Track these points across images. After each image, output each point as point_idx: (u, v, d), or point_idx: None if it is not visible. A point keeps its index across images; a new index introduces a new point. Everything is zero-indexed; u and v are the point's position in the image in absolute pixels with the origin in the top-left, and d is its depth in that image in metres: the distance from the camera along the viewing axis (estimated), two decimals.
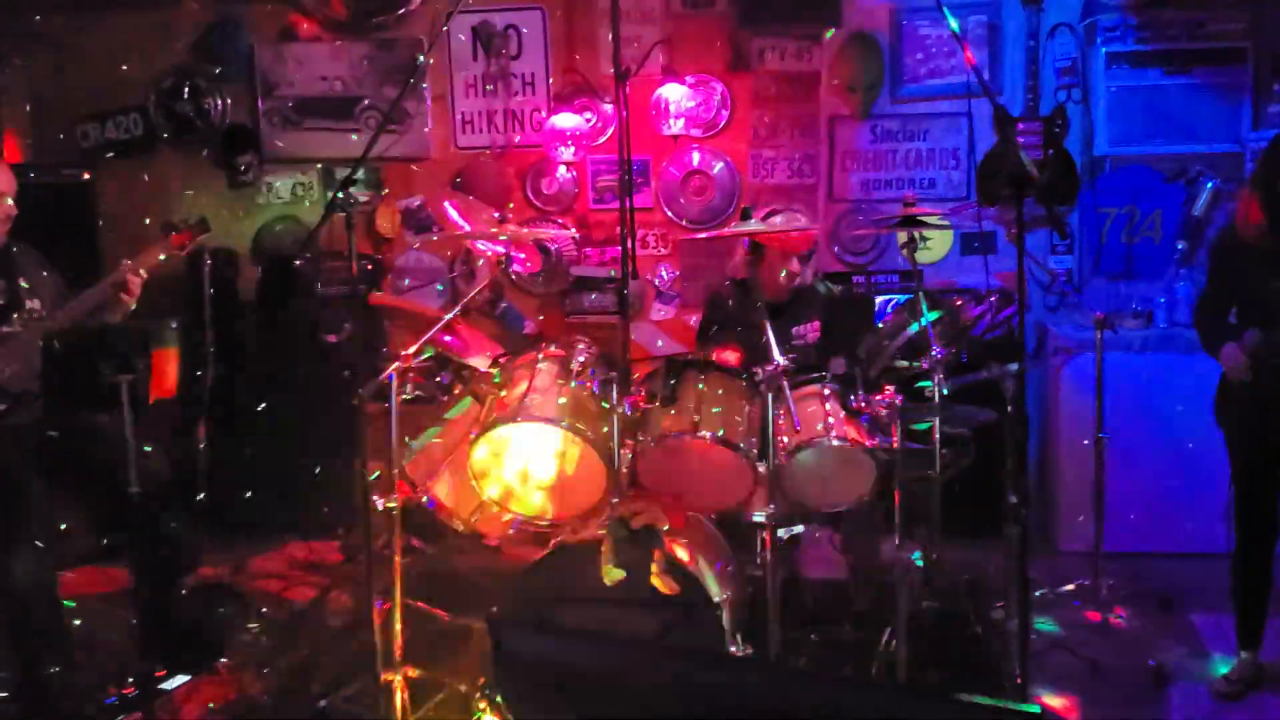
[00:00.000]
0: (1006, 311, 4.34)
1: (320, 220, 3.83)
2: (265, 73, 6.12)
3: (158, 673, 3.95)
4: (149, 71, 6.16)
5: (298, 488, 5.44)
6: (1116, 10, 5.42)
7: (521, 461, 3.68)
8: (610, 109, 5.71)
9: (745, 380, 3.72)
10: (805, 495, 3.76)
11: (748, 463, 3.55)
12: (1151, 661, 4.04)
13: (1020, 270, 3.37)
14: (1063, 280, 5.44)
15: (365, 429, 3.82)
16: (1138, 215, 5.52)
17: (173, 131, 6.17)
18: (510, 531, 3.98)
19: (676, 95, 5.74)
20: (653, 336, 5.85)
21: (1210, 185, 5.38)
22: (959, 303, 4.19)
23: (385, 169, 6.03)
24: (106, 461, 3.80)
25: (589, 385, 3.58)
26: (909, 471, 3.94)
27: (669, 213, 5.88)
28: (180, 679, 4.02)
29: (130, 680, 3.87)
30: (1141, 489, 5.06)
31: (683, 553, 3.44)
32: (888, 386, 3.74)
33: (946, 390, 3.77)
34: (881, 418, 3.74)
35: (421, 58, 5.87)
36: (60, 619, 3.92)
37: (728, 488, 3.66)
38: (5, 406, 3.80)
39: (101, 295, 3.86)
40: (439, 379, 4.05)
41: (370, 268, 5.86)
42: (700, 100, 5.78)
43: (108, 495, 3.94)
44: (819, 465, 3.79)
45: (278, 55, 6.12)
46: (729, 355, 4.02)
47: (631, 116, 5.48)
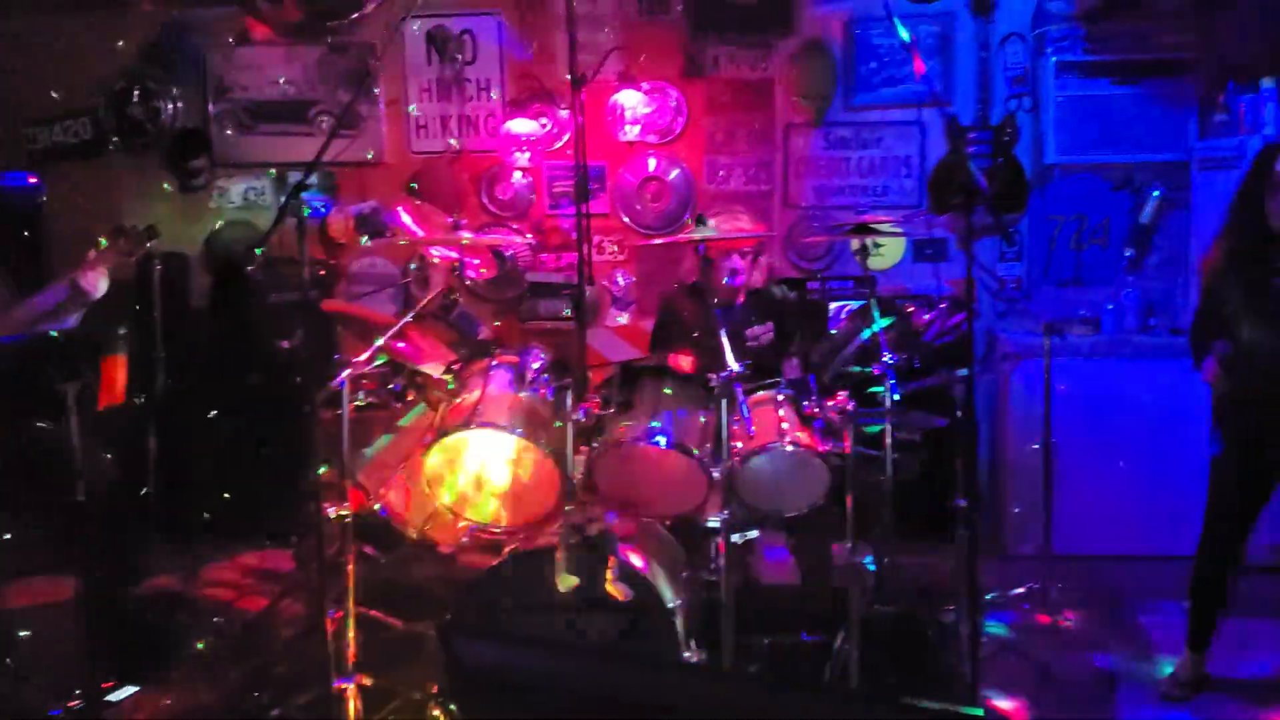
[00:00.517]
0: (957, 318, 4.39)
1: (272, 225, 3.79)
2: (218, 76, 6.07)
3: (106, 684, 3.89)
4: (99, 74, 6.08)
5: (250, 496, 5.38)
6: (1066, 21, 5.51)
7: (475, 468, 3.67)
8: (566, 115, 5.71)
9: (700, 386, 3.73)
10: (759, 500, 3.78)
11: (702, 468, 3.56)
12: (1100, 663, 4.09)
13: (969, 277, 3.42)
14: (1011, 287, 5.51)
15: (318, 436, 3.80)
16: (1086, 223, 5.60)
17: (123, 135, 6.10)
18: (464, 539, 3.97)
19: (632, 101, 5.76)
20: (609, 342, 5.85)
21: (1157, 194, 5.47)
22: (910, 309, 4.24)
23: (339, 173, 5.99)
24: (53, 469, 3.75)
25: (543, 392, 3.58)
26: (861, 476, 3.98)
27: (625, 219, 5.89)
28: (129, 690, 3.97)
29: (77, 692, 3.81)
30: (1090, 492, 5.13)
31: (637, 559, 3.44)
32: (841, 392, 3.77)
33: (898, 396, 3.81)
34: (835, 423, 3.76)
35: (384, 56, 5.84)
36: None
37: (682, 493, 3.67)
38: None
39: (55, 299, 3.81)
40: (392, 386, 4.03)
41: (323, 273, 5.82)
42: (656, 107, 5.79)
43: (55, 504, 3.89)
44: (773, 471, 3.81)
45: (230, 59, 6.06)
46: (684, 361, 4.03)
47: (587, 122, 5.50)
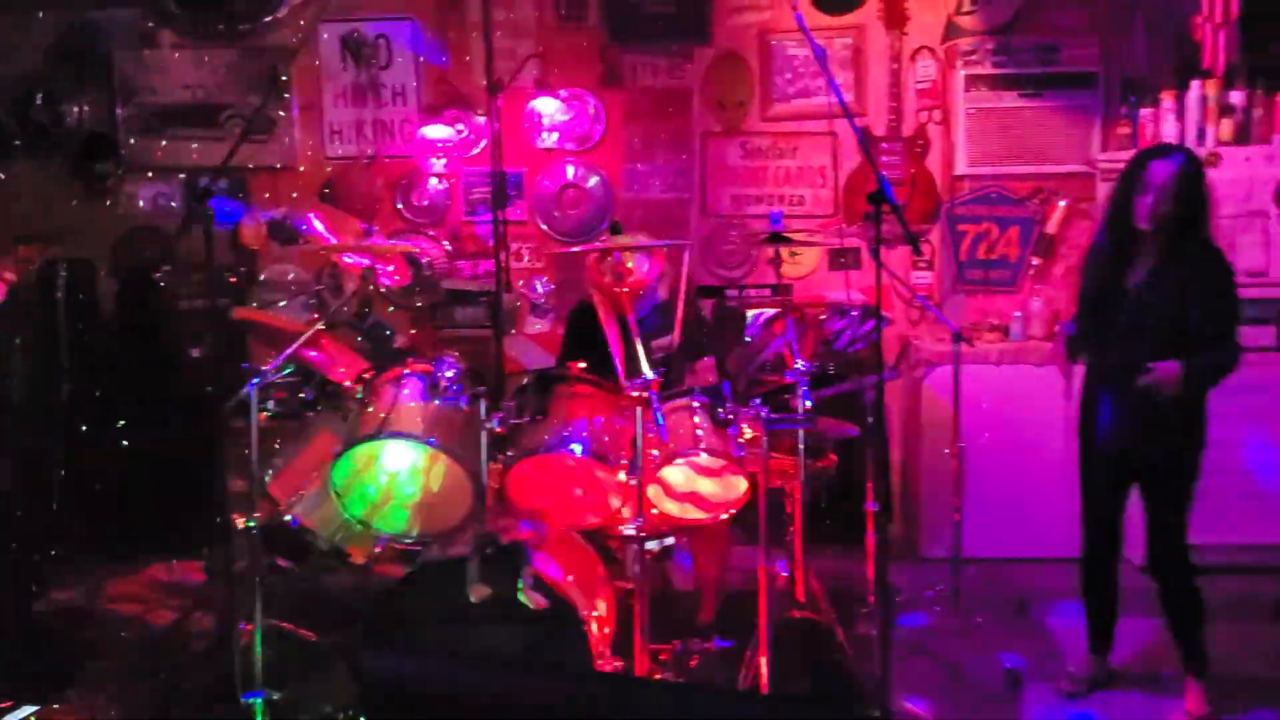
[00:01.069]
0: (869, 325, 4.45)
1: (179, 230, 3.73)
2: (126, 79, 5.94)
3: (3, 704, 3.78)
4: (1, 77, 5.92)
5: (159, 507, 5.27)
6: (975, 35, 5.62)
7: (386, 478, 3.64)
8: (482, 121, 5.69)
9: (615, 394, 3.74)
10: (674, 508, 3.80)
11: (616, 476, 3.57)
12: (1007, 663, 4.18)
13: (878, 285, 3.47)
14: (923, 295, 5.61)
15: (227, 446, 3.74)
16: (995, 232, 5.72)
17: (27, 139, 5.94)
18: (376, 549, 3.94)
19: (550, 109, 5.76)
20: (527, 350, 5.84)
21: (1062, 204, 5.62)
22: (823, 317, 4.29)
23: (251, 179, 5.90)
24: None
25: (456, 400, 3.56)
26: (775, 482, 4.03)
27: (543, 225, 5.88)
28: (26, 710, 3.86)
29: None
30: (999, 496, 5.24)
31: (550, 568, 3.44)
32: (755, 399, 3.80)
33: (811, 402, 3.85)
34: (749, 429, 3.79)
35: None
36: None
37: (597, 501, 3.68)
38: None
39: None
40: (302, 394, 3.98)
41: (234, 281, 5.73)
42: (574, 114, 5.80)
43: None
44: (689, 477, 3.84)
45: (139, 61, 5.94)
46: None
47: (505, 129, 5.50)
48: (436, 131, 5.76)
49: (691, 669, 3.93)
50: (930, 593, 4.84)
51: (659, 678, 3.74)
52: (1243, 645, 4.33)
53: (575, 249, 4.24)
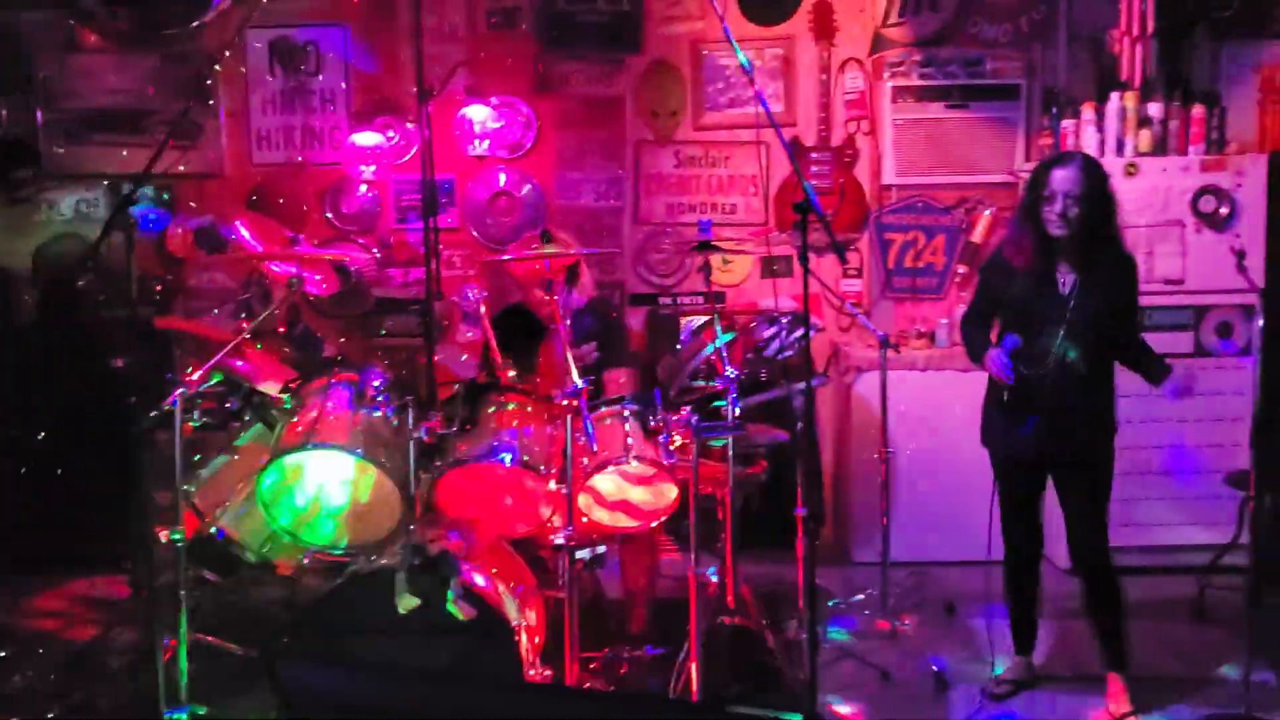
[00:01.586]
0: (799, 332, 4.49)
1: (99, 237, 3.66)
2: (47, 84, 5.82)
3: None
4: None
5: (81, 520, 5.16)
6: (901, 47, 5.71)
7: (314, 489, 3.60)
8: (413, 128, 5.65)
9: (544, 402, 3.74)
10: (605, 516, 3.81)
11: (547, 485, 3.57)
12: (934, 666, 4.24)
13: (805, 293, 3.50)
14: (851, 303, 5.68)
15: (151, 457, 3.67)
16: (922, 241, 5.81)
17: None
18: (304, 561, 3.90)
19: (481, 116, 5.74)
20: (458, 359, 5.81)
21: (987, 213, 5.72)
22: (752, 324, 4.32)
23: (177, 186, 5.82)
24: None
25: (383, 410, 3.53)
26: (706, 488, 4.05)
27: (475, 233, 5.86)
28: None
29: None
30: (927, 500, 5.33)
31: (479, 578, 3.42)
32: (685, 406, 3.82)
33: (741, 409, 3.88)
34: (679, 437, 3.82)
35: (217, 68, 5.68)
36: None
37: (527, 511, 3.67)
38: None
39: None
40: (228, 405, 3.94)
41: (160, 289, 5.64)
42: (505, 121, 5.79)
43: None
44: (619, 485, 3.85)
45: (61, 66, 5.82)
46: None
47: (435, 136, 5.46)
48: (366, 138, 5.72)
49: (622, 677, 3.94)
50: (860, 596, 4.90)
51: (589, 686, 3.74)
52: (1163, 644, 4.44)
53: (506, 257, 4.21)
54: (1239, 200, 5.17)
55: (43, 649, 4.44)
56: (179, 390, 3.42)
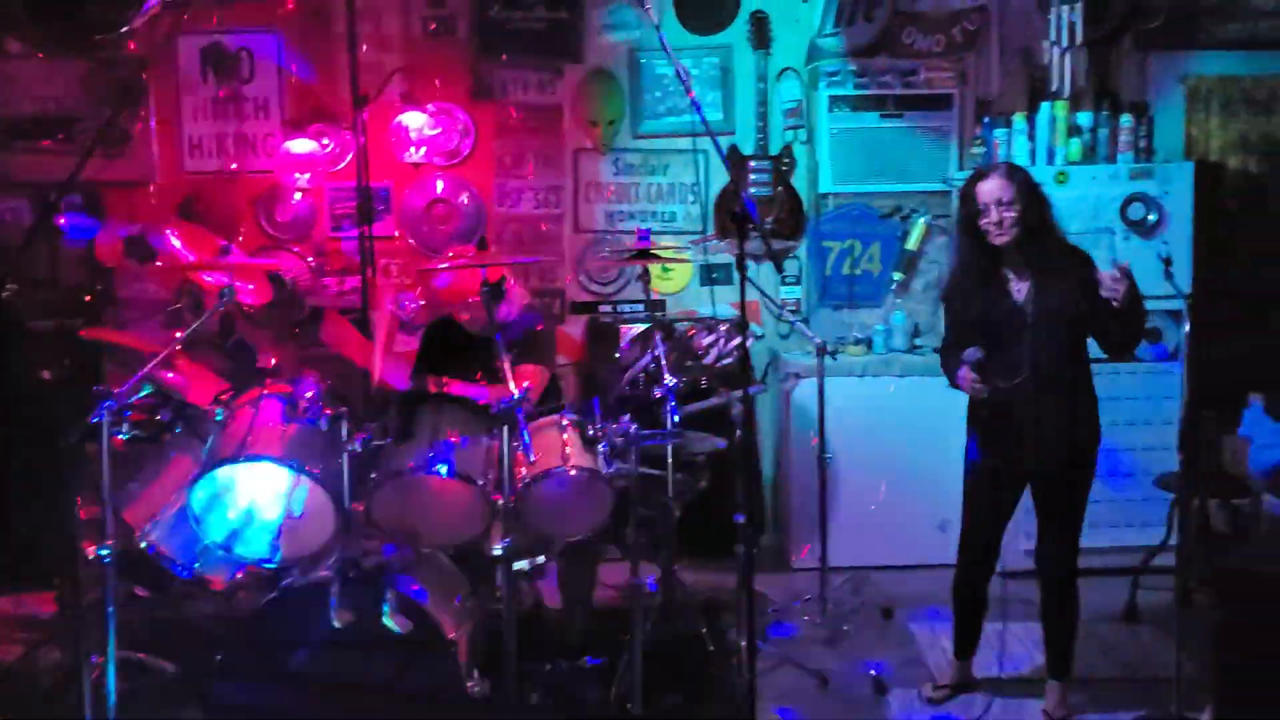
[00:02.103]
0: (738, 339, 4.51)
1: (22, 245, 3.58)
2: None
3: None
4: None
5: (8, 536, 5.03)
6: (837, 57, 5.76)
7: (247, 502, 3.54)
8: (348, 135, 5.59)
9: (481, 412, 3.71)
10: (544, 526, 3.79)
11: (484, 496, 3.54)
12: (872, 670, 4.27)
13: (743, 300, 3.52)
14: (789, 310, 5.71)
15: (79, 471, 3.59)
16: (859, 249, 5.86)
17: None
18: (237, 575, 3.83)
19: (417, 123, 5.69)
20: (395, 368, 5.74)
21: (921, 221, 5.79)
22: (691, 332, 4.34)
23: (107, 194, 5.70)
24: None
25: (316, 421, 3.49)
26: (646, 497, 4.05)
27: (412, 241, 5.81)
28: None
29: None
30: (864, 505, 5.37)
31: (416, 591, 3.39)
32: (624, 414, 3.81)
33: (680, 417, 3.88)
34: (618, 445, 3.81)
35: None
36: None
37: (465, 522, 3.64)
38: None
39: None
40: (159, 417, 3.86)
41: (88, 299, 5.52)
42: (442, 129, 5.75)
43: None
44: (557, 495, 3.82)
45: None
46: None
47: (371, 143, 5.43)
48: (300, 146, 5.64)
49: (562, 688, 3.92)
50: (799, 602, 4.93)
51: (526, 699, 3.72)
52: (1097, 647, 4.50)
53: (443, 266, 4.19)
54: (1166, 208, 5.28)
55: None
56: (107, 403, 3.35)
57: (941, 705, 4.07)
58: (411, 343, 5.62)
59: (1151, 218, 5.26)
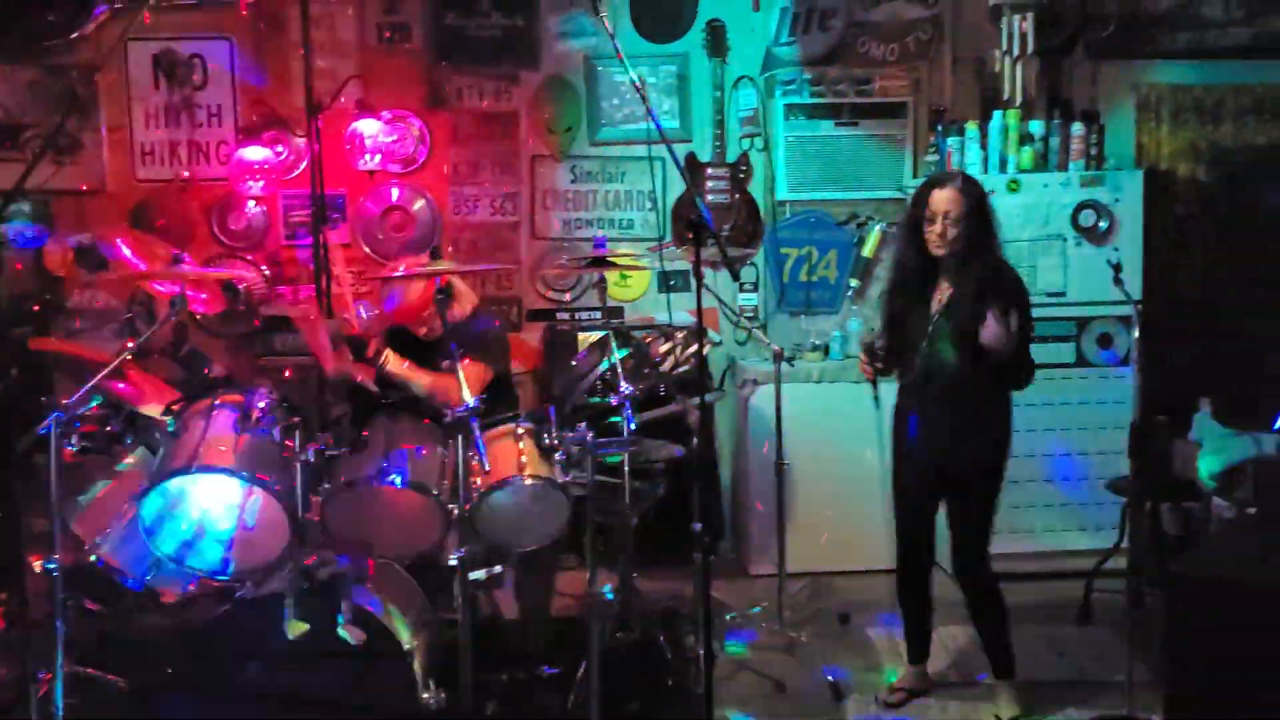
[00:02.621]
0: (695, 346, 4.52)
1: None
2: None
3: None
4: None
5: None
6: (792, 66, 5.80)
7: (199, 513, 3.50)
8: (302, 142, 5.55)
9: (436, 421, 3.69)
10: (500, 535, 3.77)
11: (439, 506, 3.52)
12: (829, 676, 4.29)
13: (699, 307, 3.54)
14: (746, 317, 5.73)
15: (26, 483, 3.54)
16: (815, 256, 5.89)
17: None
18: (189, 588, 3.79)
19: (372, 130, 5.65)
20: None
21: (877, 228, 5.84)
22: (647, 340, 4.34)
23: (56, 202, 5.63)
24: None
25: (269, 432, 3.45)
26: (603, 506, 4.04)
27: (367, 249, 5.78)
28: None
29: None
30: (821, 511, 5.39)
31: (370, 602, 3.37)
32: (581, 423, 3.81)
33: (636, 425, 3.88)
34: (575, 454, 3.80)
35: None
36: None
37: (419, 532, 3.61)
38: None
39: None
40: (109, 428, 3.80)
41: (37, 308, 5.44)
42: (398, 136, 5.71)
43: None
44: (513, 505, 3.80)
45: None
46: None
47: (326, 151, 5.38)
48: (254, 153, 5.59)
49: (519, 698, 3.90)
50: (757, 609, 4.93)
51: (485, 708, 3.71)
52: (1050, 649, 4.55)
53: (397, 274, 4.16)
54: (1117, 215, 5.35)
55: None
56: (56, 414, 3.31)
57: (897, 709, 4.09)
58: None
59: (1102, 225, 5.33)
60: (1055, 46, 5.69)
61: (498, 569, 3.96)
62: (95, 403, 3.75)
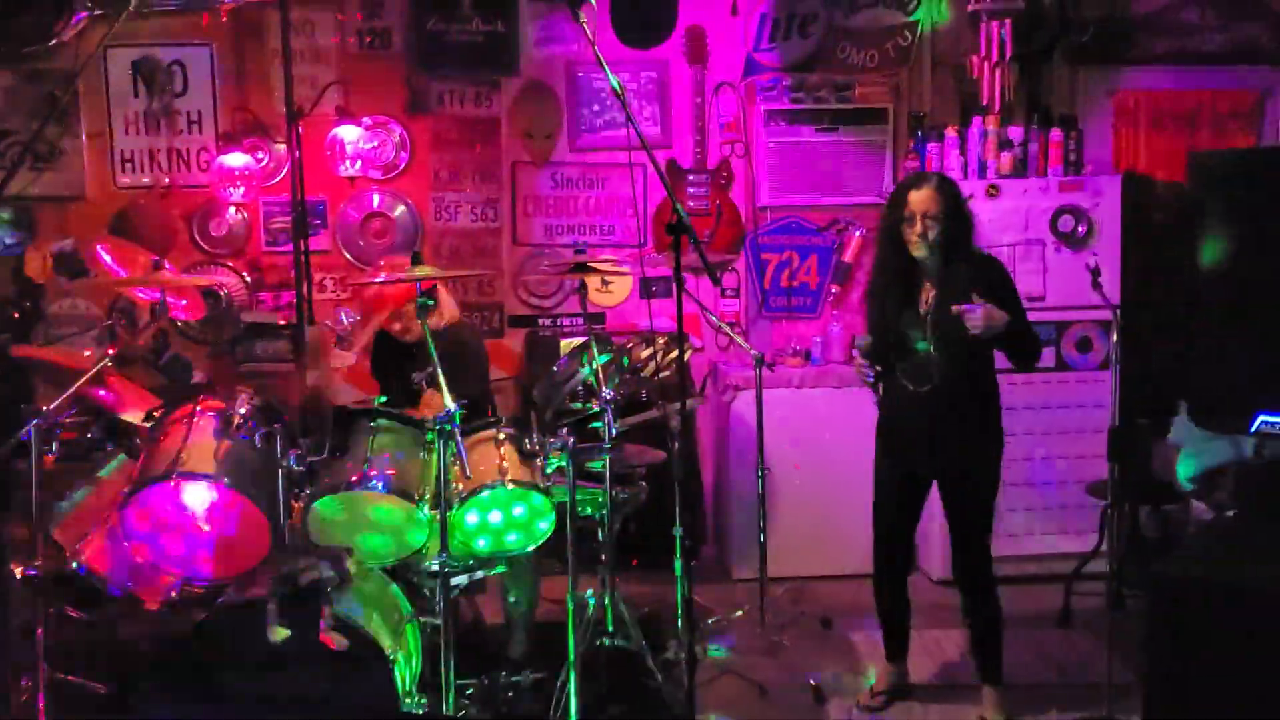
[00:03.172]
0: (677, 351, 4.52)
1: None
2: None
3: None
4: None
5: None
6: (772, 72, 5.82)
7: (179, 520, 3.49)
8: (283, 149, 5.55)
9: (417, 428, 3.69)
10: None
11: (418, 511, 3.52)
12: (812, 679, 4.30)
13: (679, 313, 3.54)
14: (729, 322, 5.75)
15: (8, 490, 3.53)
16: (796, 261, 5.92)
17: None
18: (171, 593, 3.77)
19: (352, 136, 5.65)
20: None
21: (858, 234, 5.86)
22: (629, 345, 4.34)
23: (37, 209, 5.61)
24: None
25: (250, 438, 3.45)
26: (584, 511, 4.05)
27: (348, 255, 5.77)
28: None
29: None
30: (803, 515, 5.41)
31: (353, 607, 3.36)
32: (562, 428, 3.81)
33: (617, 430, 3.89)
34: (556, 459, 3.80)
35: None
36: None
37: (399, 536, 3.62)
38: None
39: None
40: (90, 435, 3.80)
41: (16, 315, 5.41)
42: (378, 142, 5.72)
43: None
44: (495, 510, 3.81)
45: None
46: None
47: (306, 157, 5.38)
48: (234, 160, 5.58)
49: (502, 703, 3.90)
50: (739, 613, 4.95)
51: (467, 713, 3.70)
52: (1032, 652, 4.57)
53: (379, 280, 4.16)
54: (1096, 220, 5.39)
55: None
56: (36, 420, 3.29)
57: (878, 713, 4.10)
58: (347, 358, 5.61)
59: (1081, 230, 5.37)
60: (1034, 52, 5.73)
61: (480, 573, 3.97)
62: (76, 409, 3.74)
